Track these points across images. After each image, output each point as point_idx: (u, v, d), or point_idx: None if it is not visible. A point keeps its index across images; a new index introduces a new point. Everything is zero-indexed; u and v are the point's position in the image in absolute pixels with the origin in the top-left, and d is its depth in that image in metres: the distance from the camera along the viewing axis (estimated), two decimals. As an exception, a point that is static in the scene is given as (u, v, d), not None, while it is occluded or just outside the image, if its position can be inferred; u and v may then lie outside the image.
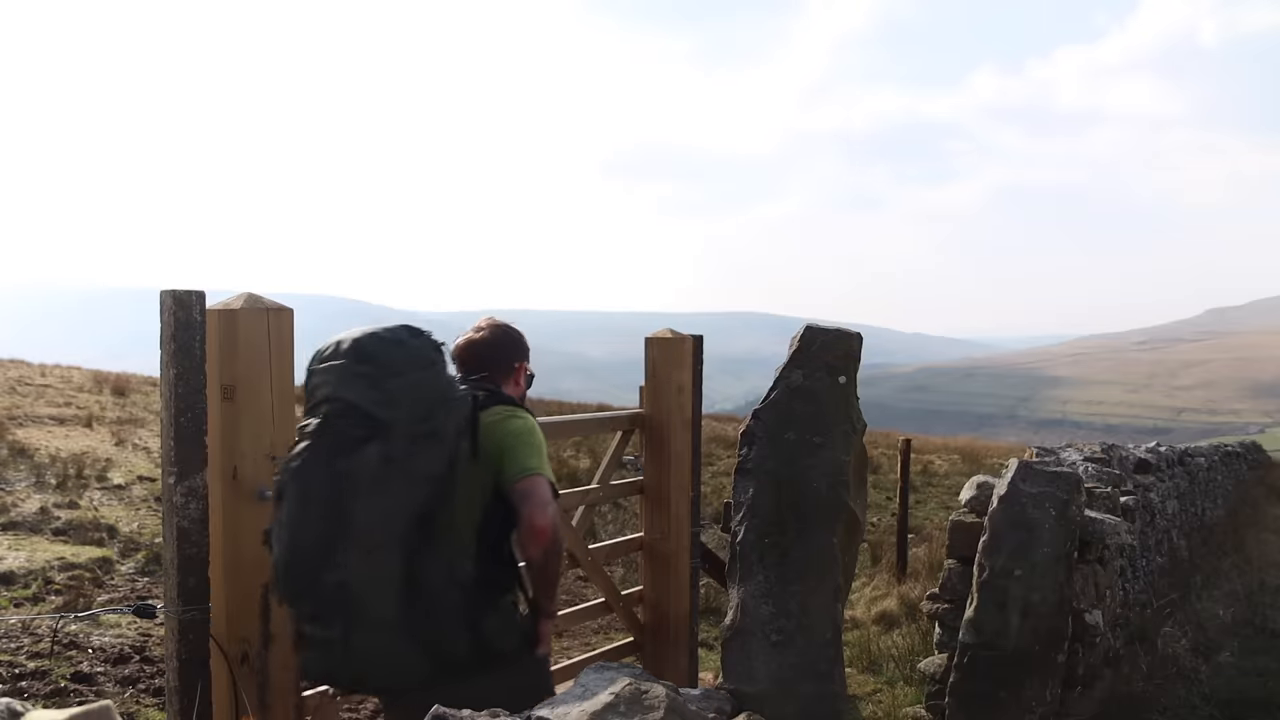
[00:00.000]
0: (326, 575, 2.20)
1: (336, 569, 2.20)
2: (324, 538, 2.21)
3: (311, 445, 2.28)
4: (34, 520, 8.07)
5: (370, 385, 2.29)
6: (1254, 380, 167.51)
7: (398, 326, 2.44)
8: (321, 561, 2.21)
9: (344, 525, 2.20)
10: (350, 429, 2.25)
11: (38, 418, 12.75)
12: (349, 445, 2.24)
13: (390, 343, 2.37)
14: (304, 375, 2.48)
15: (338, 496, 2.21)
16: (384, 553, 2.20)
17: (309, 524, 2.23)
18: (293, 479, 2.27)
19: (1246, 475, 15.84)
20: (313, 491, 2.24)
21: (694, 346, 4.58)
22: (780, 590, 3.18)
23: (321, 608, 2.26)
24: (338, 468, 2.23)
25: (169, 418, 2.70)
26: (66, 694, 4.61)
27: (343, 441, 2.25)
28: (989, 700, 3.56)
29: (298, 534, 2.25)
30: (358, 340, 2.38)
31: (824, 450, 3.26)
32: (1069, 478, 3.73)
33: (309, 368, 2.42)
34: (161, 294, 2.70)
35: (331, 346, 2.41)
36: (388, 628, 2.22)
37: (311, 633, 2.31)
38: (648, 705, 1.95)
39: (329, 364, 2.35)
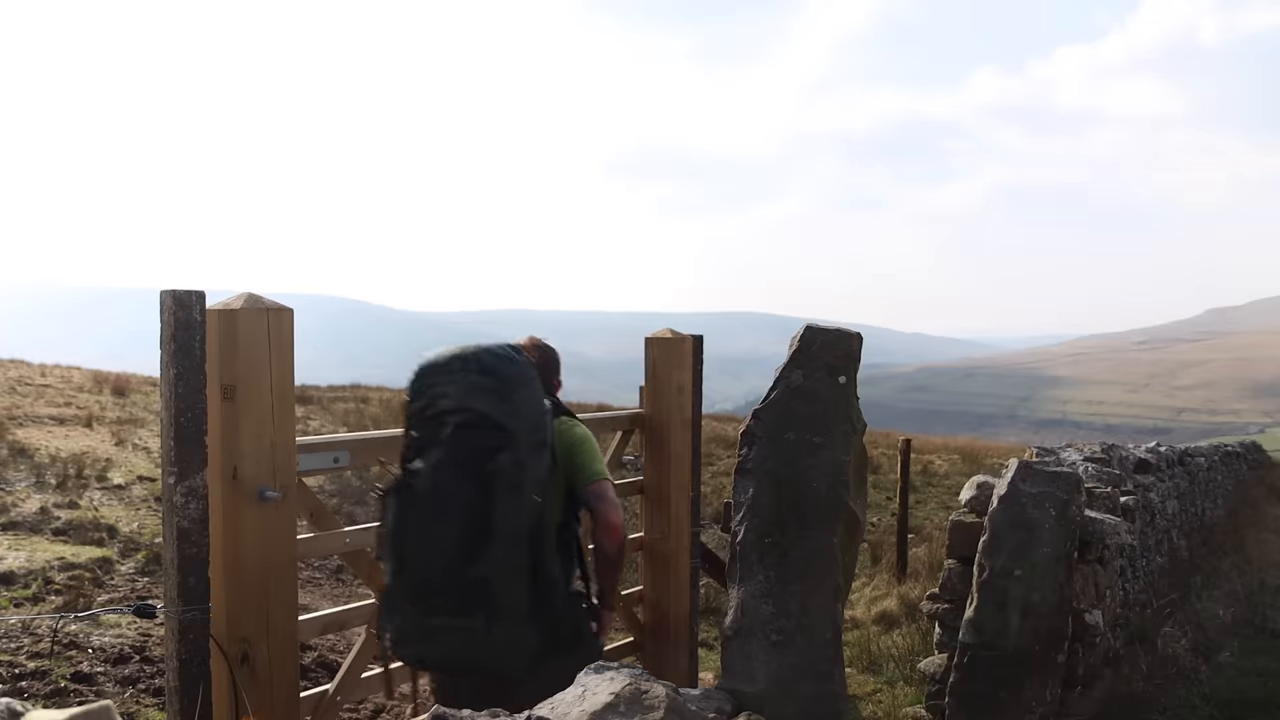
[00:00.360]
0: (470, 571, 2.44)
1: (479, 565, 2.44)
2: (467, 536, 2.45)
3: (448, 451, 2.50)
4: (34, 520, 8.07)
5: (498, 398, 2.56)
6: (1254, 380, 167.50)
7: (504, 345, 2.73)
8: (465, 558, 2.45)
9: (485, 525, 2.46)
10: (483, 438, 2.51)
11: (38, 418, 12.75)
12: (484, 453, 2.49)
13: (505, 360, 2.65)
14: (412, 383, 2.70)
15: (477, 499, 2.46)
16: (518, 550, 2.50)
17: (451, 524, 2.47)
18: (431, 482, 2.49)
19: (1246, 475, 15.85)
20: (453, 494, 2.48)
21: (694, 346, 4.58)
22: (780, 590, 3.18)
23: (464, 600, 2.47)
24: (477, 473, 2.48)
25: (169, 418, 2.70)
26: (66, 694, 4.61)
27: (478, 449, 2.50)
28: (989, 700, 3.56)
29: (440, 533, 2.47)
30: (479, 356, 2.63)
31: (824, 450, 3.26)
32: (1069, 478, 3.73)
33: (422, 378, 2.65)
34: (161, 294, 2.70)
35: (447, 360, 2.65)
36: (521, 618, 2.51)
37: (446, 624, 2.50)
38: (648, 705, 1.95)
39: (454, 377, 2.58)
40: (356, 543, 3.65)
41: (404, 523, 2.55)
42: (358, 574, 4.39)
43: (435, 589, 2.51)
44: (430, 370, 2.66)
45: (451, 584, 2.49)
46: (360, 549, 3.73)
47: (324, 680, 4.62)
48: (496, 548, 2.46)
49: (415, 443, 2.62)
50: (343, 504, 10.25)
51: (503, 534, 2.48)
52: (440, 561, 2.48)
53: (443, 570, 2.48)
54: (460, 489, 2.48)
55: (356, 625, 3.82)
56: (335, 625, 3.76)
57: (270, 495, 2.83)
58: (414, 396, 2.67)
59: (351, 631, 5.41)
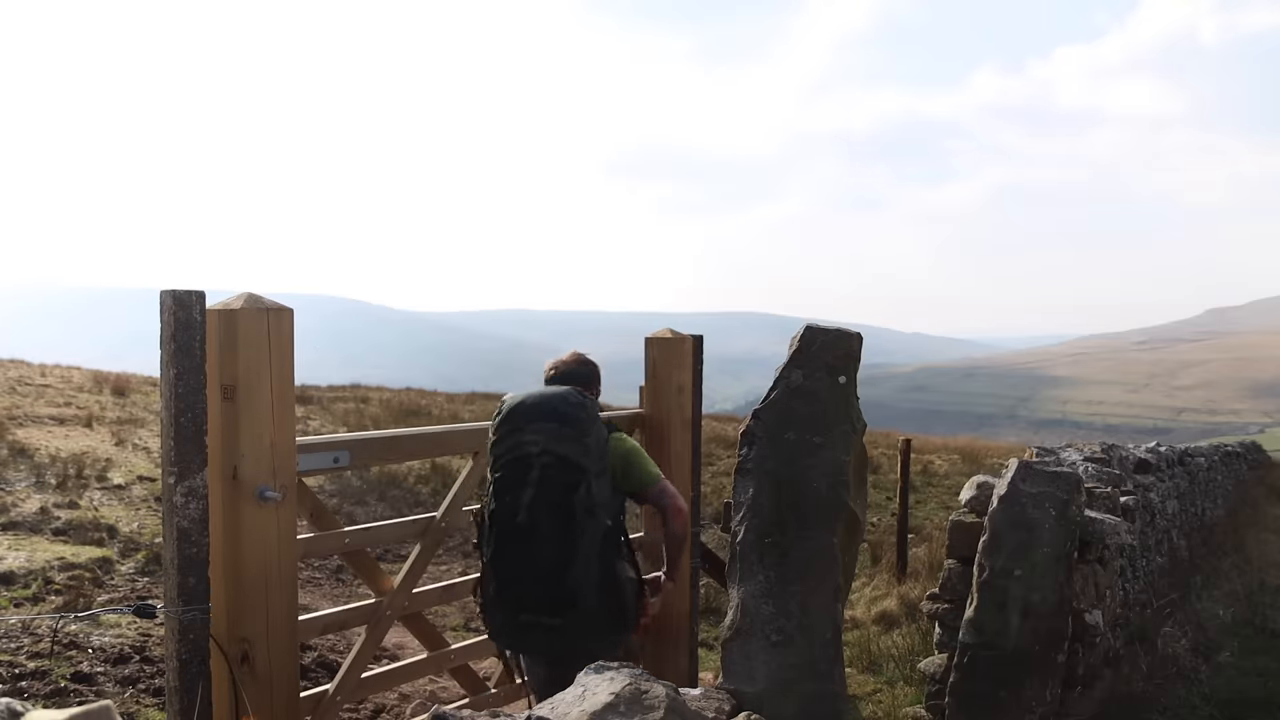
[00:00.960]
0: (562, 585, 3.09)
1: (567, 580, 3.09)
2: (559, 557, 3.09)
3: (538, 490, 3.11)
4: (34, 520, 8.07)
5: (575, 442, 3.14)
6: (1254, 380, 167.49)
7: (569, 391, 3.28)
8: (559, 570, 3.09)
9: (571, 548, 3.10)
10: (565, 477, 3.11)
11: (38, 418, 12.75)
12: (567, 489, 3.10)
13: (578, 407, 3.21)
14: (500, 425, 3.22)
15: (564, 527, 3.09)
16: (595, 565, 3.13)
17: (547, 549, 3.09)
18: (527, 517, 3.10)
19: (1246, 475, 15.85)
20: (545, 526, 3.09)
21: (694, 346, 4.58)
22: (780, 590, 3.18)
23: (554, 607, 3.12)
24: (563, 505, 3.09)
25: (169, 418, 2.70)
26: (66, 694, 4.61)
27: (562, 486, 3.10)
28: (989, 700, 3.56)
29: (539, 556, 3.10)
30: (557, 407, 3.20)
31: (824, 450, 3.26)
32: (1069, 478, 3.73)
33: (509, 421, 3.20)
34: (161, 294, 2.70)
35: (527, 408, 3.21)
36: (595, 613, 3.14)
37: (539, 621, 3.14)
38: (648, 705, 1.95)
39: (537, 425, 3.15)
40: (356, 543, 3.65)
41: (504, 549, 3.16)
42: (358, 574, 4.39)
43: (533, 599, 3.14)
44: (516, 416, 3.20)
45: (546, 595, 3.12)
46: (360, 549, 3.73)
47: (324, 680, 4.62)
48: (578, 565, 3.10)
49: (503, 479, 3.17)
50: (343, 504, 10.25)
51: (583, 553, 3.11)
52: (539, 576, 3.11)
53: (540, 585, 3.12)
54: (551, 521, 3.10)
55: (356, 625, 3.82)
56: (335, 625, 3.76)
57: (270, 495, 2.83)
58: (502, 438, 3.21)
59: (351, 631, 5.41)
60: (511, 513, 3.12)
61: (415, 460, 11.35)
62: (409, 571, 3.83)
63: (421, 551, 3.89)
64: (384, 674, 3.99)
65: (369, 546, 3.92)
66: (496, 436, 3.23)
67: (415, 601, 3.96)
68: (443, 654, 4.16)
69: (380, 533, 3.99)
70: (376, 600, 3.75)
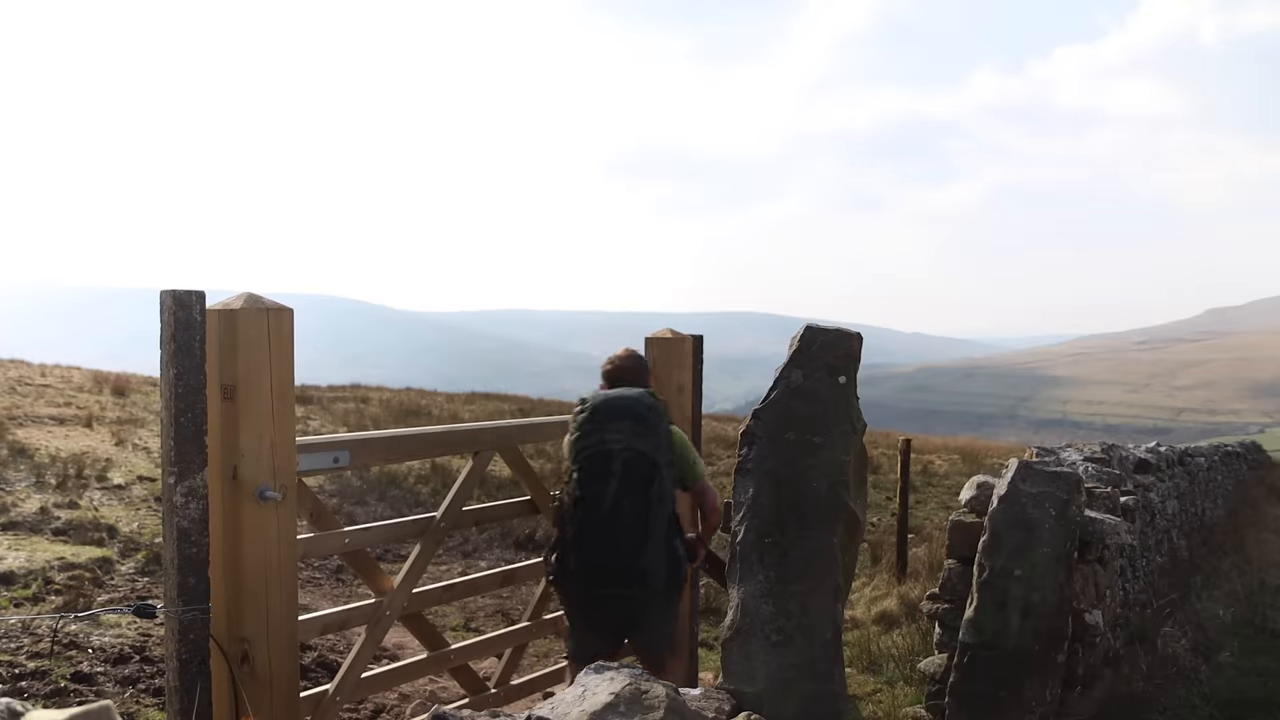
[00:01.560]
0: (637, 562, 3.56)
1: (642, 558, 3.56)
2: (636, 540, 3.55)
3: (621, 481, 3.55)
4: (34, 520, 8.07)
5: (650, 439, 3.61)
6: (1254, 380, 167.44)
7: (644, 393, 3.75)
8: (635, 554, 3.55)
9: (645, 531, 3.56)
10: (643, 470, 3.57)
11: (38, 418, 12.75)
12: (644, 481, 3.57)
13: (651, 409, 3.67)
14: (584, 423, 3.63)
15: (641, 513, 3.55)
16: (663, 546, 3.60)
17: (627, 533, 3.55)
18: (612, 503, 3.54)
19: (1246, 475, 15.85)
20: (627, 511, 3.55)
21: (694, 346, 4.58)
22: (780, 590, 3.18)
23: (629, 580, 3.58)
24: (642, 494, 3.56)
25: (169, 418, 2.70)
26: (66, 694, 4.61)
27: (640, 478, 3.56)
28: (989, 700, 3.56)
29: (621, 539, 3.55)
30: (634, 409, 3.64)
31: (824, 450, 3.26)
32: (1069, 478, 3.73)
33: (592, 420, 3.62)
34: (161, 294, 2.70)
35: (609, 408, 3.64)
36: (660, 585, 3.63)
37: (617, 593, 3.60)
38: (648, 705, 1.95)
39: (618, 425, 3.59)
40: (356, 543, 3.65)
41: (590, 533, 3.57)
42: (358, 574, 4.39)
43: (613, 575, 3.59)
44: (599, 415, 3.63)
45: (624, 572, 3.58)
46: (360, 549, 3.72)
47: (324, 680, 4.62)
48: (652, 548, 3.58)
49: (589, 471, 3.58)
50: (343, 504, 10.24)
51: (655, 535, 3.58)
52: (619, 557, 3.56)
53: (620, 564, 3.57)
54: (633, 508, 3.56)
55: (356, 625, 3.82)
56: (335, 625, 3.76)
57: (270, 495, 2.83)
58: (585, 434, 3.62)
59: (351, 631, 5.41)
60: (598, 501, 3.55)
61: (415, 460, 11.35)
62: (409, 571, 3.83)
63: (421, 551, 3.89)
64: (384, 674, 3.99)
65: (369, 546, 3.92)
66: (580, 433, 3.64)
67: (415, 601, 3.96)
68: (443, 654, 4.17)
69: (380, 533, 3.99)
70: (376, 600, 3.75)
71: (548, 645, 6.25)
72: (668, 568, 3.63)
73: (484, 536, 9.22)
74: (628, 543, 3.56)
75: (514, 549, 8.98)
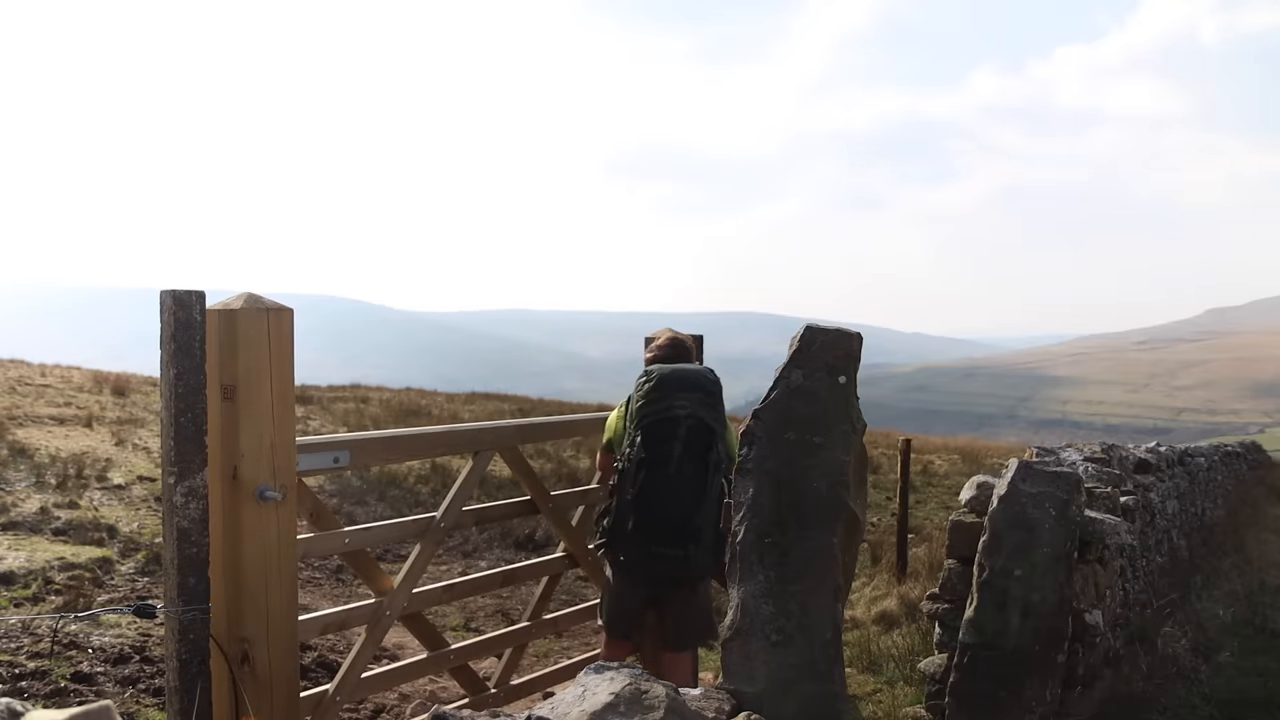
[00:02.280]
0: (693, 520, 3.80)
1: (697, 517, 3.80)
2: (694, 499, 3.81)
3: (685, 445, 3.81)
4: (34, 520, 8.07)
5: (711, 409, 3.88)
6: (1254, 380, 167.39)
7: (707, 369, 4.05)
8: (691, 513, 3.80)
9: (702, 493, 3.82)
10: (704, 436, 3.84)
11: (38, 418, 12.75)
12: (705, 447, 3.84)
13: (713, 381, 3.96)
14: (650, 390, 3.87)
15: (700, 476, 3.82)
16: (714, 510, 3.81)
17: (686, 494, 3.80)
18: (676, 465, 3.79)
19: (1246, 475, 15.84)
20: (689, 474, 3.81)
21: (694, 346, 4.57)
22: (780, 590, 3.18)
23: (683, 538, 3.80)
24: (702, 459, 3.82)
25: (169, 418, 2.70)
26: (66, 694, 4.61)
27: (702, 444, 3.83)
28: (989, 700, 3.56)
29: (680, 499, 3.80)
30: (698, 380, 3.92)
31: (824, 450, 3.26)
32: (1069, 478, 3.73)
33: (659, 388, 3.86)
34: (161, 294, 2.70)
35: (677, 379, 3.90)
36: (710, 548, 3.82)
37: (668, 552, 3.81)
38: (648, 705, 1.95)
39: (685, 394, 3.85)
40: (356, 543, 3.65)
41: (652, 492, 3.80)
42: (358, 574, 4.39)
43: (670, 533, 3.81)
44: (667, 384, 3.87)
45: (681, 528, 3.80)
46: (360, 549, 3.73)
47: (324, 680, 4.62)
48: (706, 507, 3.82)
49: (655, 434, 3.81)
50: (343, 504, 10.25)
51: (709, 498, 3.82)
52: (678, 514, 3.80)
53: (679, 519, 3.80)
54: (694, 470, 3.81)
55: (356, 625, 3.82)
56: (335, 625, 3.76)
57: (270, 495, 2.83)
58: (652, 400, 3.86)
59: (351, 631, 5.41)
60: (663, 462, 3.80)
61: (415, 460, 11.36)
62: (409, 571, 3.83)
63: (421, 551, 3.89)
64: (384, 674, 3.99)
65: (369, 546, 3.92)
66: (646, 400, 3.88)
67: (415, 601, 3.96)
68: (442, 654, 4.17)
69: (380, 533, 3.99)
70: (377, 600, 3.75)
71: (547, 645, 6.26)
72: (715, 528, 3.83)
73: (484, 536, 9.22)
74: (688, 501, 3.81)
75: (514, 549, 8.98)
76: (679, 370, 3.95)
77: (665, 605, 4.03)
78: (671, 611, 4.03)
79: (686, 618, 4.03)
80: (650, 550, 3.84)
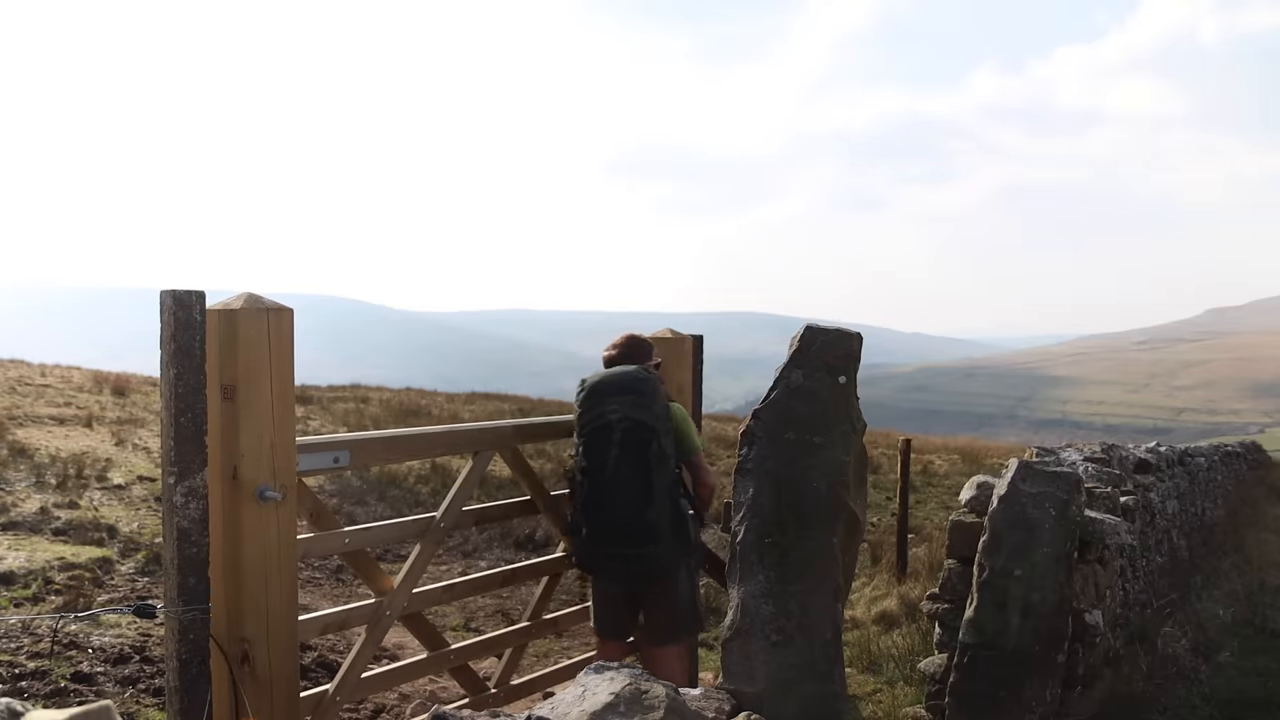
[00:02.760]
0: (644, 517, 3.82)
1: (649, 513, 3.82)
2: (640, 497, 3.83)
3: (621, 449, 3.85)
4: (34, 520, 8.07)
5: (646, 408, 3.87)
6: (1254, 380, 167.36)
7: (637, 369, 4.03)
8: (640, 510, 3.82)
9: (649, 489, 3.83)
10: (641, 435, 3.84)
11: (38, 418, 12.75)
12: (642, 445, 3.83)
13: (643, 381, 3.95)
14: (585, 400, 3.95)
15: (643, 474, 3.83)
16: (668, 505, 3.85)
17: (632, 490, 3.83)
18: (613, 470, 3.83)
19: (1246, 475, 15.83)
20: (629, 472, 3.83)
21: (694, 346, 4.58)
22: (780, 590, 3.18)
23: (639, 536, 3.84)
24: (641, 457, 3.83)
25: (169, 418, 2.70)
26: (66, 694, 4.61)
27: (639, 444, 3.83)
28: (989, 700, 3.56)
29: (625, 495, 3.83)
30: (629, 383, 3.94)
31: (824, 450, 3.26)
32: (1069, 478, 3.73)
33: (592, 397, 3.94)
34: (161, 294, 2.70)
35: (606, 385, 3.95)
36: (669, 541, 3.86)
37: (620, 552, 3.88)
38: (648, 705, 1.95)
39: (616, 398, 3.90)
40: (356, 543, 3.65)
41: (595, 498, 3.90)
42: (358, 574, 4.39)
43: (621, 531, 3.87)
44: (598, 392, 3.95)
45: (632, 527, 3.85)
46: (360, 549, 3.72)
47: (324, 680, 4.62)
48: (657, 504, 3.83)
49: (592, 442, 3.91)
50: (343, 504, 10.24)
51: (658, 492, 3.84)
52: (624, 515, 3.84)
53: (624, 520, 3.85)
54: (631, 470, 3.85)
55: (356, 625, 3.82)
56: (335, 625, 3.76)
57: (270, 495, 2.83)
58: (587, 410, 3.94)
59: (351, 632, 5.41)
60: (601, 468, 3.88)
61: (415, 460, 11.36)
62: (409, 571, 3.83)
63: (421, 551, 3.89)
64: (383, 674, 3.99)
65: (369, 546, 3.92)
66: (582, 409, 3.97)
67: (415, 601, 3.96)
68: (442, 654, 4.16)
69: (380, 533, 3.99)
70: (376, 600, 3.75)
71: (547, 645, 6.26)
72: (673, 523, 3.88)
73: (484, 536, 9.22)
74: (631, 502, 3.86)
75: (514, 549, 8.98)
76: (609, 376, 4.01)
77: (642, 602, 4.07)
78: (648, 608, 4.08)
79: (661, 613, 4.03)
80: (605, 552, 3.95)
